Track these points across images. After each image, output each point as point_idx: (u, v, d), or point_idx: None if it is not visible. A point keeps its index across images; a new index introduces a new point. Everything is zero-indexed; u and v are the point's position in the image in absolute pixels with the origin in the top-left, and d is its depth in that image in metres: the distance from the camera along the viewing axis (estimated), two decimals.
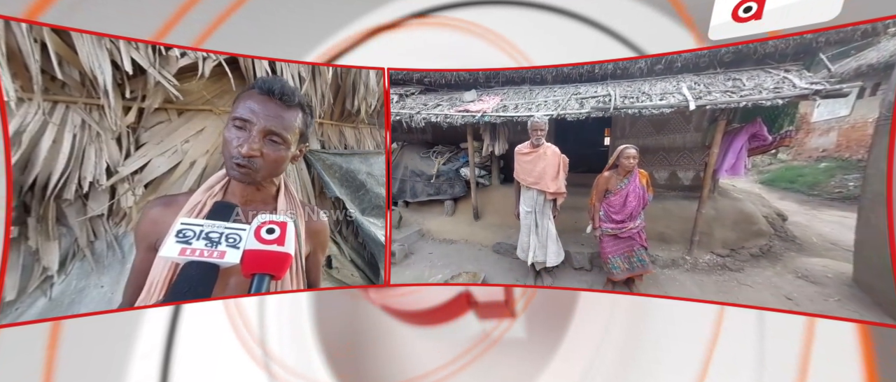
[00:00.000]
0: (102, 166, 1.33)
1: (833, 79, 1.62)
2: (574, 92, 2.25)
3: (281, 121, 0.99)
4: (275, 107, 0.98)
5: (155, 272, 0.92)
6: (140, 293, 0.94)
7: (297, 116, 1.03)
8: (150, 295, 0.91)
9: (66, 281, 1.31)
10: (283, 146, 1.01)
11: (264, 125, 0.96)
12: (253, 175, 0.99)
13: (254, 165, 0.97)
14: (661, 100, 1.94)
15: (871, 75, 1.42)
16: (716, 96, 1.84)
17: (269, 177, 1.05)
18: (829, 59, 1.61)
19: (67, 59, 1.22)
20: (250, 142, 0.95)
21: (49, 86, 1.23)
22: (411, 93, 2.60)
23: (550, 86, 2.36)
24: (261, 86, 1.00)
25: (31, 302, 1.24)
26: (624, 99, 2.05)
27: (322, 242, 1.23)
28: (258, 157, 0.97)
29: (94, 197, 1.35)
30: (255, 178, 1.00)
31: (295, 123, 1.02)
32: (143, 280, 0.94)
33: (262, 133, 0.97)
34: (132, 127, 1.40)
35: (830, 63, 1.62)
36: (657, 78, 2.10)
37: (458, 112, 2.40)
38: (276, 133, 0.98)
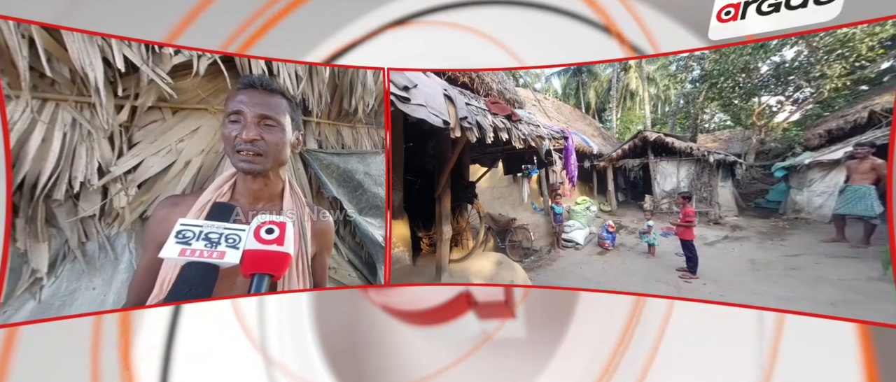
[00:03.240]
0: (94, 166, 1.30)
1: None
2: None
3: (269, 106, 1.05)
4: (259, 95, 1.05)
5: (165, 271, 0.94)
6: (147, 292, 0.96)
7: (281, 102, 1.09)
8: (161, 292, 0.93)
9: (56, 283, 1.28)
10: (278, 128, 1.06)
11: (256, 111, 1.02)
12: (260, 161, 1.03)
13: (259, 149, 1.02)
14: None
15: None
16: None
17: (276, 163, 1.08)
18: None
19: (57, 55, 1.19)
20: (249, 128, 1.01)
21: (38, 84, 1.20)
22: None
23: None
24: (242, 82, 1.07)
25: (18, 306, 1.20)
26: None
27: (327, 242, 1.25)
28: (260, 140, 1.01)
29: (86, 198, 1.32)
30: (264, 165, 1.04)
31: (281, 107, 1.08)
32: (151, 279, 0.96)
33: (256, 118, 1.02)
34: (125, 125, 1.37)
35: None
36: None
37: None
38: (268, 116, 1.04)
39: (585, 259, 2.26)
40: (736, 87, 1.95)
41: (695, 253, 1.75)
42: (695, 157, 2.29)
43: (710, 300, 1.43)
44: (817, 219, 1.63)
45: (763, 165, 1.96)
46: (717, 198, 2.15)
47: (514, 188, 2.82)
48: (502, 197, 2.75)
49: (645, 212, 2.30)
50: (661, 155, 2.45)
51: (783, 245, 1.70)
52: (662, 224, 2.07)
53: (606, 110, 3.16)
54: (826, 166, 1.66)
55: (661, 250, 1.97)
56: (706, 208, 2.14)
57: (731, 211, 2.07)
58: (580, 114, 3.30)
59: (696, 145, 2.31)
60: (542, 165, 2.72)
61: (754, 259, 1.68)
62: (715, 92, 2.05)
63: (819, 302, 1.36)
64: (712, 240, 1.93)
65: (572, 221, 2.51)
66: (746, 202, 2.01)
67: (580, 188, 2.84)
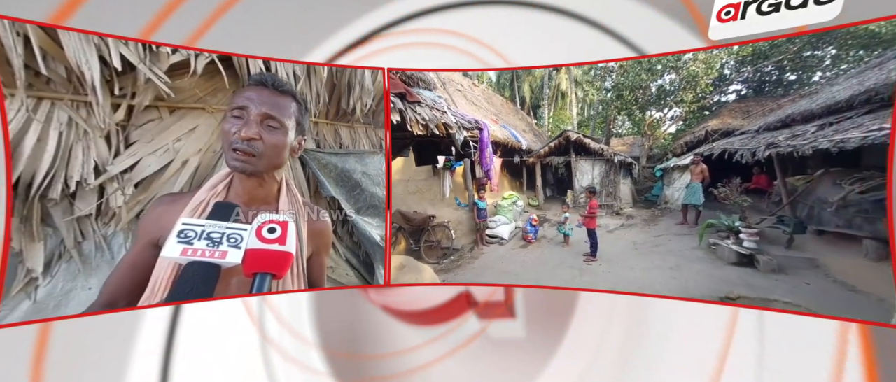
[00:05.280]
0: (90, 165, 1.29)
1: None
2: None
3: (276, 106, 1.02)
4: (269, 94, 1.02)
5: (159, 270, 0.93)
6: (127, 286, 0.95)
7: (291, 104, 1.06)
8: (154, 294, 0.91)
9: (51, 283, 1.27)
10: (280, 131, 1.02)
11: (261, 110, 0.99)
12: (254, 162, 1.00)
13: (255, 149, 0.99)
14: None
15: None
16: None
17: (271, 166, 1.05)
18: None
19: (53, 54, 1.18)
20: (249, 126, 0.97)
21: (33, 82, 1.18)
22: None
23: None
24: (254, 79, 1.04)
25: (13, 306, 1.19)
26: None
27: (325, 243, 1.23)
28: (258, 140, 0.99)
29: (82, 197, 1.30)
30: (257, 166, 1.01)
31: (290, 110, 1.05)
32: (133, 275, 0.95)
33: (259, 117, 0.99)
34: (122, 125, 1.35)
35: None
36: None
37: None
38: (272, 117, 1.01)
39: (508, 253, 2.27)
40: (636, 100, 2.30)
41: (596, 240, 2.05)
42: (605, 158, 2.63)
43: (710, 300, 1.43)
44: (675, 208, 2.14)
45: (650, 167, 2.43)
46: (619, 193, 2.54)
47: (434, 182, 2.56)
48: (419, 191, 2.50)
49: (563, 206, 2.43)
50: (581, 154, 2.69)
51: (654, 228, 2.19)
52: (580, 216, 2.28)
53: (541, 107, 3.15)
54: (681, 169, 2.18)
55: (575, 239, 2.22)
56: (611, 201, 2.51)
57: (628, 204, 2.50)
58: (513, 107, 3.24)
59: (608, 147, 2.64)
60: (462, 158, 2.54)
61: (636, 240, 2.12)
62: (622, 102, 2.40)
63: (665, 267, 1.77)
64: (613, 228, 2.31)
65: (498, 216, 2.48)
66: (640, 196, 2.45)
67: (510, 183, 2.85)
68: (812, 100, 1.61)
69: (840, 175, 1.46)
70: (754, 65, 1.73)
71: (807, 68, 1.60)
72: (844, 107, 1.47)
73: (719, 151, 1.97)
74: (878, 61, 1.29)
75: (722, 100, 1.98)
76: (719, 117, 2.07)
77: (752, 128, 1.89)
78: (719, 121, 2.07)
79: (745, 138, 1.88)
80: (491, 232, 2.38)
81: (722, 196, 1.83)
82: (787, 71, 1.65)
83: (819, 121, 1.58)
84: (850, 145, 1.38)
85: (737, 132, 1.95)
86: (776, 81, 1.69)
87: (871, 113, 1.35)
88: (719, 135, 2.02)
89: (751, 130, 1.89)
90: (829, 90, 1.53)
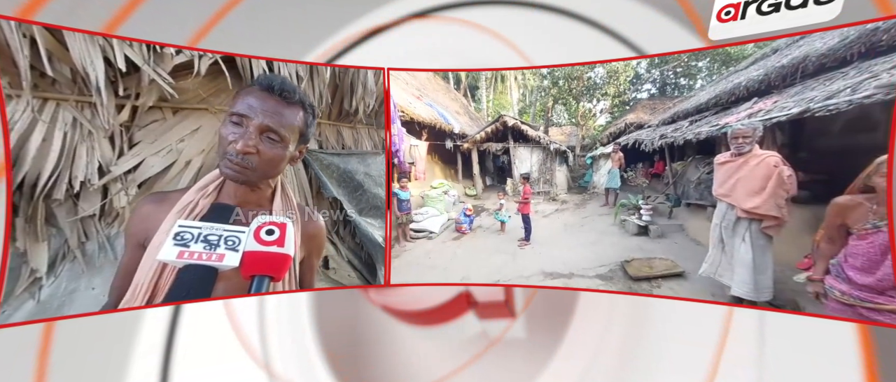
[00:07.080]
0: (94, 165, 1.30)
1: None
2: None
3: (280, 119, 0.96)
4: (274, 103, 0.96)
5: (141, 273, 0.89)
6: (124, 290, 0.91)
7: (297, 114, 1.00)
8: (134, 297, 0.87)
9: (55, 283, 1.28)
10: (280, 144, 0.97)
11: (262, 121, 0.93)
12: (248, 174, 0.95)
13: (249, 163, 0.94)
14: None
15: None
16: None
17: (265, 177, 1.01)
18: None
19: (58, 55, 1.19)
20: (246, 138, 0.92)
21: (38, 83, 1.20)
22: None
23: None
24: (261, 82, 0.98)
25: (17, 305, 1.20)
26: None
27: (318, 246, 1.20)
28: (254, 155, 0.94)
29: (86, 197, 1.31)
30: (249, 178, 0.96)
31: (295, 121, 0.99)
32: (128, 279, 0.91)
33: (259, 129, 0.94)
34: (126, 125, 1.36)
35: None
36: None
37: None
38: (273, 130, 0.95)
39: (437, 247, 2.13)
40: (571, 90, 2.48)
41: (529, 225, 2.18)
42: (542, 145, 2.70)
43: (710, 300, 1.43)
44: (600, 192, 2.38)
45: (583, 155, 2.61)
46: (555, 180, 2.67)
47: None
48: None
49: (499, 193, 2.44)
50: (519, 141, 2.72)
51: (583, 211, 2.40)
52: (514, 201, 2.34)
53: (479, 89, 2.88)
54: (606, 157, 2.40)
55: (512, 226, 2.27)
56: (548, 188, 2.64)
57: (563, 190, 2.64)
58: (445, 85, 2.95)
59: (545, 136, 2.72)
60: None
61: (567, 222, 2.33)
62: (558, 91, 2.52)
63: (587, 243, 2.01)
64: (548, 213, 2.46)
65: (426, 208, 2.27)
66: (575, 183, 2.63)
67: (443, 171, 2.68)
68: (689, 101, 2.04)
69: (699, 160, 2.06)
70: (659, 69, 2.03)
71: (691, 75, 1.94)
72: (704, 107, 1.98)
73: (632, 141, 2.33)
74: (729, 73, 1.77)
75: (637, 97, 2.25)
76: (635, 112, 2.37)
77: (655, 122, 2.29)
78: (635, 116, 2.37)
79: (650, 130, 2.30)
80: (416, 226, 2.20)
81: (629, 179, 2.27)
82: (680, 76, 1.97)
83: (690, 118, 2.05)
84: (701, 136, 1.88)
85: (646, 125, 2.32)
86: (674, 84, 2.03)
87: (718, 114, 1.84)
88: (634, 127, 2.35)
89: (654, 124, 2.30)
90: (698, 94, 1.98)
